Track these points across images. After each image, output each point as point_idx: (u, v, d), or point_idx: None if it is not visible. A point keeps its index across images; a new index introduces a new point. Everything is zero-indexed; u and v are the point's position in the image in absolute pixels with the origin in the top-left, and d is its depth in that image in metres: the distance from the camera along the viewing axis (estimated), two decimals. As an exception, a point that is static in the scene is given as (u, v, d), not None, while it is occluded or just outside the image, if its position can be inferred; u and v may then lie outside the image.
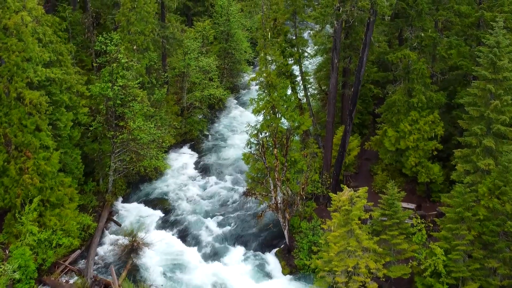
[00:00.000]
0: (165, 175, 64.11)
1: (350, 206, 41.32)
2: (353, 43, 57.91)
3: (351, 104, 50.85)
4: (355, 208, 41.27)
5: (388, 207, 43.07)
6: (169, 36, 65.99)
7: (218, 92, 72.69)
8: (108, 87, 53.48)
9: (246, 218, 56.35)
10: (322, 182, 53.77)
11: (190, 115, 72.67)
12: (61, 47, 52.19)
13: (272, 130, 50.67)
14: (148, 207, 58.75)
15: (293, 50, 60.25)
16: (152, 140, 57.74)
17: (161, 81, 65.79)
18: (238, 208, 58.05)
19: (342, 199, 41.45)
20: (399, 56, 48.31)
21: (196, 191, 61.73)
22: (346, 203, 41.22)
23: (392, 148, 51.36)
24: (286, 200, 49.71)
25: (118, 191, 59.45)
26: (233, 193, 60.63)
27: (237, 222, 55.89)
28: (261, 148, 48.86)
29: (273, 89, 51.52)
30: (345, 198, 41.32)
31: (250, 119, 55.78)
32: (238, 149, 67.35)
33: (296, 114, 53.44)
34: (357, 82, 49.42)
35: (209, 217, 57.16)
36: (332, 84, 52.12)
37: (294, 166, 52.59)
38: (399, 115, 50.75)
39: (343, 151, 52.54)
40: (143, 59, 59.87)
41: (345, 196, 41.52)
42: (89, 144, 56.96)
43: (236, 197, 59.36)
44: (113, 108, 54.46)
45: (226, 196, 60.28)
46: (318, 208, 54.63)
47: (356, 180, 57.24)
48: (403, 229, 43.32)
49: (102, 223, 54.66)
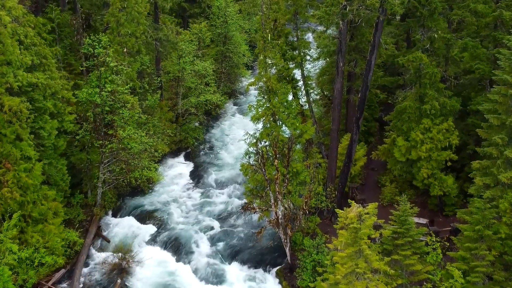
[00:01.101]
0: (158, 186, 60.71)
1: (359, 223, 37.75)
2: (359, 46, 54.59)
3: (358, 111, 47.37)
4: (364, 226, 37.70)
5: (400, 224, 39.62)
6: (163, 39, 62.67)
7: (215, 98, 69.27)
8: (95, 93, 50.05)
9: (244, 233, 52.91)
10: (326, 195, 50.24)
11: (185, 122, 69.31)
12: (45, 50, 48.77)
13: (272, 139, 47.26)
14: (139, 221, 55.29)
15: (294, 53, 56.85)
16: (143, 149, 54.19)
17: (154, 86, 62.39)
18: (236, 222, 54.73)
19: (350, 216, 37.88)
20: (410, 59, 44.83)
21: (191, 203, 58.36)
22: (354, 221, 37.65)
23: (402, 158, 47.91)
24: (288, 215, 46.26)
25: (108, 204, 56.11)
26: (230, 205, 57.29)
27: (234, 238, 52.46)
28: (261, 159, 45.35)
29: (274, 94, 48.12)
30: (353, 215, 37.73)
31: (248, 126, 52.36)
32: (236, 158, 64.03)
33: (298, 121, 50.02)
34: (364, 87, 45.97)
35: (205, 232, 53.69)
36: (337, 89, 48.71)
37: (296, 177, 49.13)
38: (410, 122, 47.30)
39: (349, 162, 49.07)
40: (134, 62, 56.57)
41: (353, 213, 37.93)
42: (76, 153, 53.58)
43: (234, 210, 56.01)
44: (102, 115, 51.01)
45: (223, 209, 56.90)
46: (322, 223, 51.25)
47: (363, 193, 53.79)
48: (416, 248, 39.83)
49: (89, 239, 51.21)
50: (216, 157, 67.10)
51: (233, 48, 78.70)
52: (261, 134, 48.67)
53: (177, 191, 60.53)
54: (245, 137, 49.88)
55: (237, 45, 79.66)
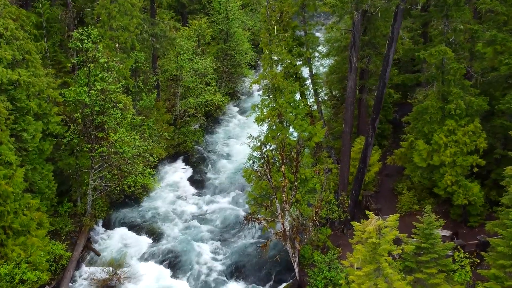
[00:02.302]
0: (155, 194, 56.67)
1: (378, 238, 33.54)
2: (373, 40, 50.42)
3: (374, 111, 43.13)
4: (384, 241, 33.54)
5: (424, 238, 35.49)
6: (159, 34, 58.55)
7: (216, 98, 65.08)
8: (84, 92, 45.84)
9: (248, 246, 48.72)
10: (338, 204, 45.95)
11: (184, 125, 65.20)
12: (28, 45, 44.54)
13: (278, 143, 43.06)
14: (133, 232, 51.19)
15: (301, 49, 52.60)
16: (137, 154, 50.01)
17: (150, 85, 58.14)
18: (238, 234, 50.59)
19: (368, 230, 33.67)
20: (433, 53, 40.48)
21: (190, 212, 54.29)
22: (373, 235, 33.43)
23: (423, 164, 43.59)
24: (296, 227, 42.04)
25: (99, 213, 51.99)
26: (232, 215, 53.14)
27: (237, 251, 48.24)
28: (266, 164, 41.07)
29: (280, 93, 44.07)
30: (372, 229, 33.52)
31: (252, 129, 48.16)
32: (238, 164, 59.79)
33: (307, 123, 45.83)
34: (381, 84, 41.74)
35: (205, 244, 49.57)
36: (350, 87, 44.54)
37: (304, 185, 44.99)
38: (431, 124, 42.99)
39: (364, 167, 44.83)
40: (128, 59, 52.31)
41: (372, 226, 33.71)
42: (64, 158, 49.31)
43: (237, 220, 51.68)
44: (91, 116, 46.78)
45: (225, 219, 52.72)
46: (333, 235, 46.99)
47: (378, 201, 49.53)
48: (442, 266, 35.66)
49: (77, 252, 47.01)
50: (217, 162, 63.00)
51: (235, 45, 74.47)
52: (266, 137, 44.72)
53: (175, 199, 56.53)
54: (249, 140, 45.93)
55: (239, 43, 75.46)
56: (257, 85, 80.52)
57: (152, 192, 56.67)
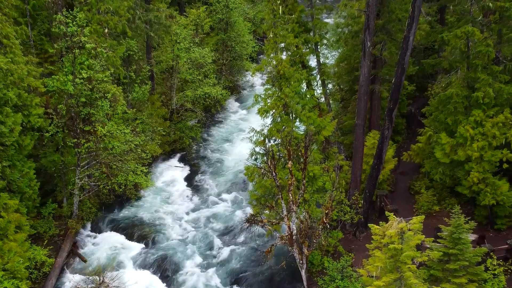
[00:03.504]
0: (148, 194, 52.60)
1: (401, 243, 29.42)
2: (387, 26, 46.07)
3: (390, 101, 38.91)
4: (408, 247, 29.48)
5: (452, 243, 31.37)
6: (154, 21, 54.26)
7: (215, 91, 60.77)
8: (68, 80, 41.65)
9: (249, 251, 44.53)
10: (350, 204, 41.73)
11: (180, 120, 60.90)
12: (6, 28, 40.39)
13: (284, 136, 38.87)
14: (124, 236, 47.04)
15: (308, 35, 48.40)
16: (128, 150, 45.85)
17: (143, 76, 53.88)
18: (239, 238, 46.48)
19: (389, 234, 29.53)
20: (458, 34, 36.23)
21: (186, 214, 50.33)
22: (395, 240, 29.30)
23: (445, 159, 39.36)
24: (304, 230, 37.75)
25: (86, 215, 47.93)
26: (233, 217, 49.02)
27: (237, 258, 44.03)
28: (270, 160, 36.83)
29: (286, 82, 40.01)
30: (393, 233, 29.37)
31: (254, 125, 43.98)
32: (239, 161, 55.56)
33: (315, 115, 41.68)
34: (400, 70, 37.49)
35: (202, 250, 45.48)
36: (364, 75, 40.38)
37: (313, 183, 40.82)
38: (456, 115, 38.72)
39: (379, 163, 40.62)
40: (119, 46, 48.13)
41: (394, 229, 29.57)
42: (49, 155, 45.10)
43: (237, 222, 47.40)
44: (77, 108, 42.60)
45: (224, 222, 48.62)
46: (344, 239, 42.91)
47: (393, 202, 45.39)
48: (473, 275, 31.50)
49: (61, 258, 42.89)
50: (216, 160, 58.90)
51: (235, 36, 70.18)
52: (271, 130, 40.71)
53: (170, 199, 52.49)
54: (251, 135, 41.89)
55: (240, 33, 71.20)
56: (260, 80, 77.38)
57: (145, 192, 52.62)
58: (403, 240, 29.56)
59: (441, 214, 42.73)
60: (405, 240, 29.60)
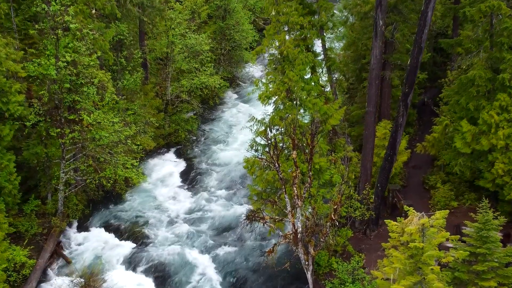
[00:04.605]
0: (140, 190, 49.30)
1: (422, 241, 26.01)
2: (399, 5, 42.63)
3: (405, 84, 35.38)
4: (430, 245, 26.11)
5: (480, 241, 27.92)
6: (146, 4, 50.69)
7: (212, 81, 57.11)
8: (51, 64, 38.15)
9: (250, 252, 41.19)
10: (361, 200, 38.23)
11: (176, 111, 57.34)
12: (-19, 8, 37.09)
13: (288, 124, 35.40)
14: (113, 235, 43.69)
15: (313, 18, 44.87)
16: (117, 141, 42.39)
17: (135, 63, 50.32)
18: (239, 237, 43.07)
19: (408, 231, 26.09)
20: (482, 9, 32.75)
21: (181, 211, 46.77)
22: (416, 237, 25.88)
23: (466, 149, 35.91)
24: (310, 228, 34.20)
25: (72, 213, 44.52)
26: (231, 215, 45.63)
27: (237, 258, 40.66)
28: (273, 150, 33.31)
29: (290, 64, 36.53)
30: (414, 229, 25.93)
31: (255, 116, 40.71)
32: (238, 156, 52.29)
33: (321, 101, 38.25)
34: (416, 50, 33.97)
35: (198, 249, 42.00)
36: (375, 56, 36.90)
37: (319, 176, 37.36)
38: (479, 99, 35.22)
39: (393, 154, 37.13)
40: (108, 30, 44.66)
41: (414, 226, 26.13)
42: (32, 146, 41.58)
43: (236, 220, 44.07)
44: (60, 94, 39.10)
45: (222, 220, 45.21)
46: (353, 237, 39.45)
47: (406, 197, 41.99)
48: (503, 277, 28.09)
49: (43, 259, 39.46)
50: (213, 155, 55.44)
51: (234, 24, 66.60)
52: (273, 118, 37.14)
53: (164, 196, 48.97)
54: (251, 123, 38.49)
55: (239, 22, 67.65)
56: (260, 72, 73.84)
57: (137, 188, 49.21)
58: (425, 237, 26.21)
59: (459, 210, 39.33)
60: (427, 238, 26.25)
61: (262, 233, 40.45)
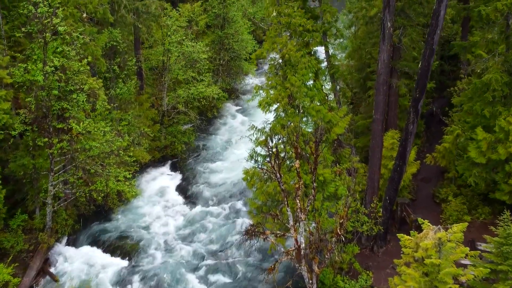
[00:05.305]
0: (134, 205, 47.03)
1: (439, 257, 23.81)
2: (406, 9, 40.64)
3: (416, 89, 33.23)
4: (448, 262, 23.93)
5: (502, 257, 25.62)
6: (141, 10, 48.72)
7: (210, 91, 54.97)
8: (38, 69, 36.11)
9: (249, 269, 38.88)
10: (368, 213, 35.94)
11: (172, 123, 55.19)
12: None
13: (290, 132, 33.24)
14: (104, 252, 41.34)
15: (315, 23, 42.88)
16: (109, 151, 40.21)
17: (128, 70, 48.23)
18: (237, 253, 40.68)
19: (424, 246, 23.89)
20: (499, 8, 30.74)
21: (176, 227, 44.55)
22: (432, 253, 23.67)
23: (481, 159, 33.74)
24: (315, 243, 31.86)
25: (61, 228, 42.20)
26: (229, 230, 43.33)
27: (235, 276, 38.33)
28: (274, 160, 31.09)
29: (292, 69, 34.42)
30: (430, 244, 23.73)
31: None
32: (236, 169, 50.01)
33: (325, 109, 36.15)
34: (428, 52, 31.89)
35: (193, 266, 39.60)
36: (383, 61, 34.83)
37: (323, 189, 35.11)
38: (495, 105, 33.12)
39: (403, 164, 34.92)
40: (99, 35, 42.68)
41: (430, 240, 23.93)
42: (19, 157, 39.39)
43: (235, 236, 41.74)
44: (48, 102, 37.00)
45: (220, 236, 42.85)
46: (359, 254, 37.09)
47: (415, 211, 39.68)
48: (527, 297, 25.65)
49: (29, 277, 37.23)
50: (211, 168, 53.20)
51: (232, 32, 64.59)
52: (274, 127, 34.97)
53: (159, 211, 46.66)
54: (250, 132, 36.35)
55: (238, 31, 65.66)
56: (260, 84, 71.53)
57: (131, 203, 46.90)
58: (442, 253, 24.00)
59: (473, 225, 37.02)
60: (444, 254, 24.04)
61: (262, 249, 38.21)
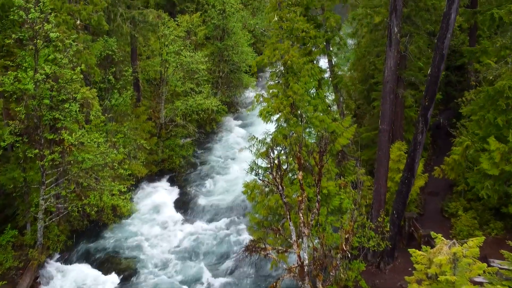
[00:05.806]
0: (129, 220, 45.34)
1: (453, 273, 22.19)
2: (413, 16, 39.28)
3: (425, 97, 31.65)
4: (463, 279, 22.26)
5: (521, 275, 23.97)
6: (138, 19, 47.33)
7: (209, 103, 53.51)
8: (28, 77, 34.66)
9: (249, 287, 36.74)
10: (375, 228, 34.29)
11: (170, 136, 53.71)
12: None
13: (293, 142, 31.70)
14: (97, 270, 39.49)
15: (318, 30, 41.56)
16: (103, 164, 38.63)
17: (124, 81, 46.80)
18: (237, 270, 38.92)
19: (438, 261, 22.25)
20: (512, 11, 29.48)
21: (173, 243, 42.81)
22: (446, 269, 22.05)
23: (494, 170, 32.15)
24: (319, 260, 30.27)
25: (53, 244, 40.51)
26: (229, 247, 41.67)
27: (235, 295, 36.47)
28: (276, 171, 29.54)
29: (294, 76, 32.96)
30: (444, 259, 22.09)
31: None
32: (235, 183, 48.58)
33: (329, 119, 34.65)
34: (438, 58, 30.37)
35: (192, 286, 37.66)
36: (389, 68, 33.36)
37: (327, 203, 33.52)
38: (509, 113, 31.56)
39: (411, 176, 33.25)
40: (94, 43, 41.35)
41: (444, 255, 22.30)
42: (10, 170, 37.85)
43: (234, 251, 40.21)
44: (39, 111, 35.50)
45: (219, 253, 41.23)
46: (365, 271, 35.35)
47: (423, 226, 38.02)
48: (548, 318, 23.98)
49: (17, 296, 35.26)
50: (209, 182, 51.60)
51: (232, 44, 63.24)
52: (275, 137, 33.46)
53: (156, 226, 44.92)
54: (251, 143, 34.88)
55: (238, 43, 64.34)
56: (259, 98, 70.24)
57: (126, 218, 45.18)
58: (457, 269, 22.37)
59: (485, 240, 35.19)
60: (459, 270, 22.41)
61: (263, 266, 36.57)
